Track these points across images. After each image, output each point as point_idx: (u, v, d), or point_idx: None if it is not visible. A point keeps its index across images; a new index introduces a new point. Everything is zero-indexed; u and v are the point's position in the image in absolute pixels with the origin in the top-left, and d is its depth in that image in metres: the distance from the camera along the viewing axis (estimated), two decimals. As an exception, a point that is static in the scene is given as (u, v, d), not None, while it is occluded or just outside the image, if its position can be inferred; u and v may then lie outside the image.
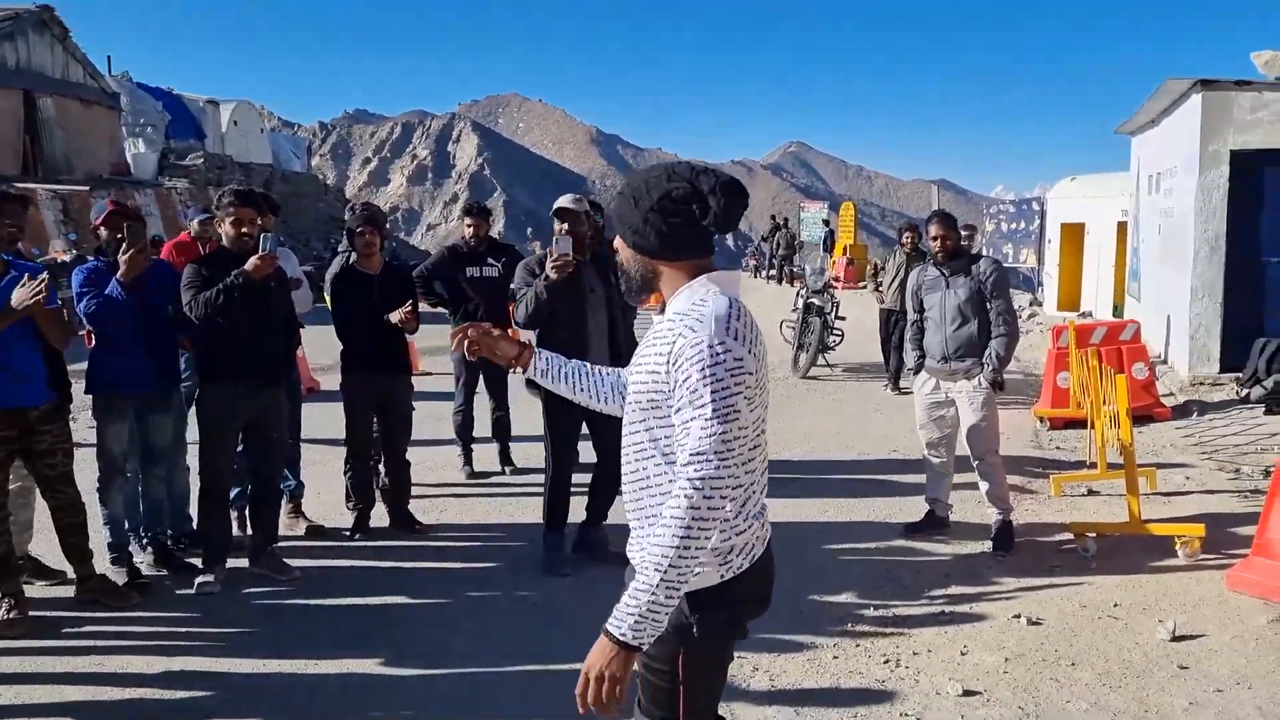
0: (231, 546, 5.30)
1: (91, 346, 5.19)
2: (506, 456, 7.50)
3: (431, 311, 7.17)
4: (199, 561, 5.23)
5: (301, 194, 34.09)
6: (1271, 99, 9.80)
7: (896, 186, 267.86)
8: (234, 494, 5.50)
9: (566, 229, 5.33)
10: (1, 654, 4.37)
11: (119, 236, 5.01)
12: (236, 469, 5.35)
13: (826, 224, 31.01)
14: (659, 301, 2.37)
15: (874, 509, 6.52)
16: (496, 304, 6.92)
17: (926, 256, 6.91)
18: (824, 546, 5.73)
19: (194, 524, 5.54)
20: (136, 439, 5.26)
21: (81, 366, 5.12)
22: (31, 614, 4.67)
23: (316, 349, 9.88)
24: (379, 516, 6.14)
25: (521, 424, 7.50)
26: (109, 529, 5.15)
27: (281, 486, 5.60)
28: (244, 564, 5.30)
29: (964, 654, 4.32)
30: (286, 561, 5.34)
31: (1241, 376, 9.57)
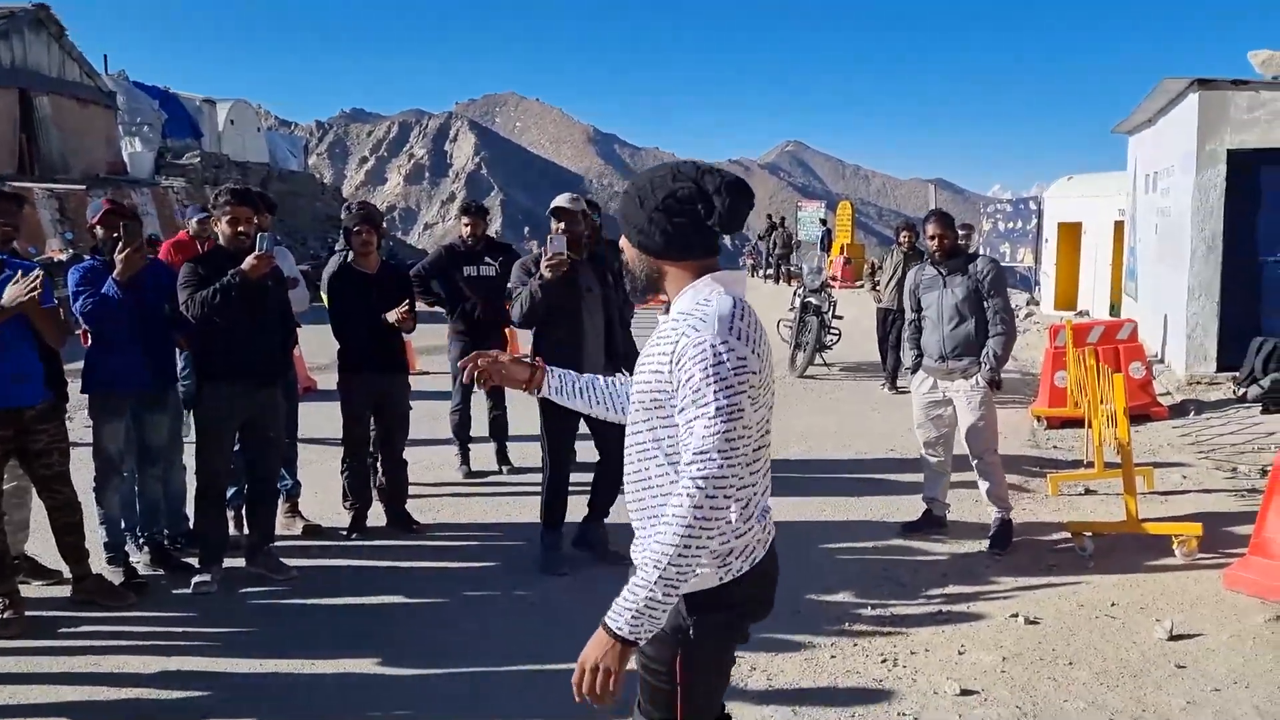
0: (228, 546, 5.29)
1: (88, 346, 5.18)
2: (504, 456, 7.50)
3: (429, 311, 7.17)
4: (195, 561, 5.23)
5: (298, 193, 34.09)
6: (1268, 98, 9.81)
7: (893, 186, 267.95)
8: (231, 493, 5.50)
9: (563, 228, 5.33)
10: (-2, 654, 4.36)
11: (115, 235, 5.01)
12: (233, 468, 5.35)
13: (824, 223, 31.03)
14: (661, 303, 2.37)
15: (871, 508, 6.52)
16: (493, 303, 6.91)
17: (924, 256, 6.92)
18: (821, 546, 5.73)
19: (190, 523, 5.53)
20: (133, 438, 5.25)
21: (78, 366, 5.12)
22: (28, 614, 4.66)
23: (314, 348, 9.87)
24: (376, 516, 6.13)
25: (519, 423, 7.49)
26: (105, 529, 5.14)
27: (278, 486, 5.60)
28: (241, 564, 5.30)
29: (961, 653, 4.32)
30: (283, 561, 5.34)
31: (1238, 376, 9.57)
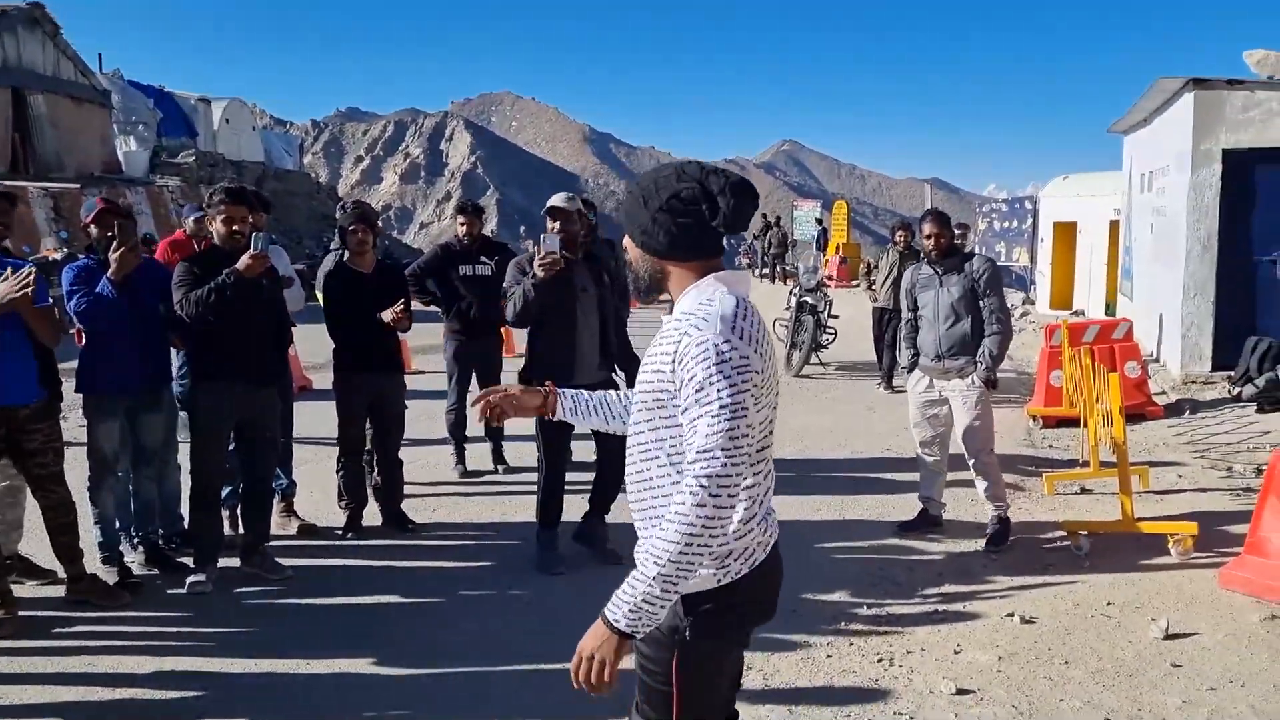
0: (223, 546, 5.28)
1: (82, 345, 5.16)
2: (499, 455, 7.49)
3: (424, 310, 7.15)
4: (190, 561, 5.21)
5: (294, 192, 34.06)
6: (1264, 98, 9.82)
7: (889, 185, 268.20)
8: (226, 493, 5.49)
9: (558, 227, 5.32)
10: (-9, 654, 4.34)
11: (109, 234, 4.99)
12: (228, 468, 5.33)
13: (820, 222, 31.03)
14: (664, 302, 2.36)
15: (867, 507, 6.52)
16: (489, 302, 6.90)
17: (919, 255, 6.91)
18: (817, 545, 5.73)
19: (185, 523, 5.52)
20: (128, 438, 5.24)
21: (72, 365, 5.10)
22: (21, 614, 4.64)
23: (309, 347, 9.84)
24: (371, 515, 6.12)
25: (514, 423, 7.43)
26: (100, 528, 5.13)
27: (274, 485, 5.59)
28: (236, 563, 5.28)
29: (958, 653, 4.32)
30: (278, 561, 5.32)
31: (1233, 375, 9.59)
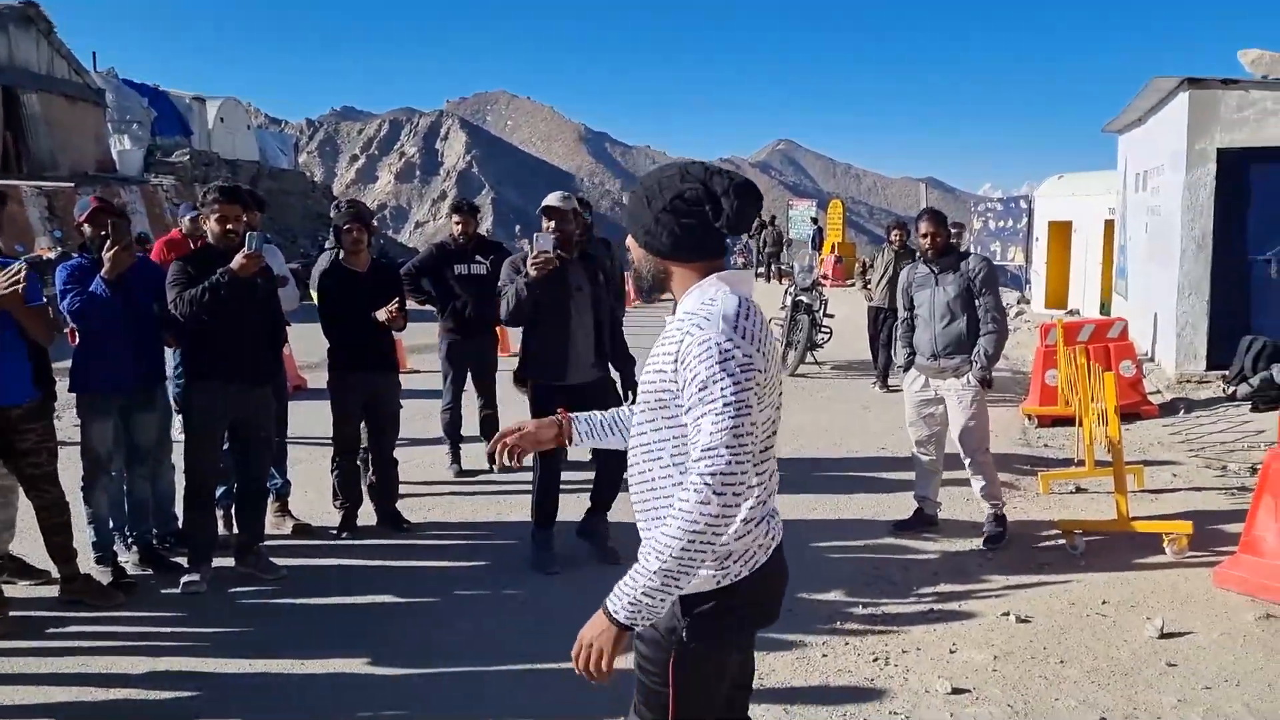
0: (217, 545, 5.26)
1: (75, 344, 5.15)
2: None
3: (419, 309, 7.14)
4: (184, 561, 5.20)
5: (288, 191, 34.02)
6: (1258, 97, 9.83)
7: (884, 184, 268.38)
8: (220, 492, 5.47)
9: (554, 227, 5.31)
10: (-16, 655, 4.33)
11: (103, 233, 4.97)
12: (223, 467, 5.32)
13: (815, 222, 31.04)
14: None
15: (862, 507, 6.52)
16: (484, 301, 6.88)
17: (915, 254, 6.91)
18: (812, 544, 5.72)
19: (179, 523, 5.51)
20: (121, 437, 5.22)
21: (66, 364, 5.08)
22: (15, 614, 4.63)
23: (304, 347, 9.83)
24: (366, 515, 6.10)
25: (510, 422, 7.46)
26: (93, 528, 5.11)
27: (268, 485, 5.57)
28: (230, 563, 5.27)
29: (953, 652, 4.32)
30: (273, 561, 5.31)
31: (1228, 374, 9.60)
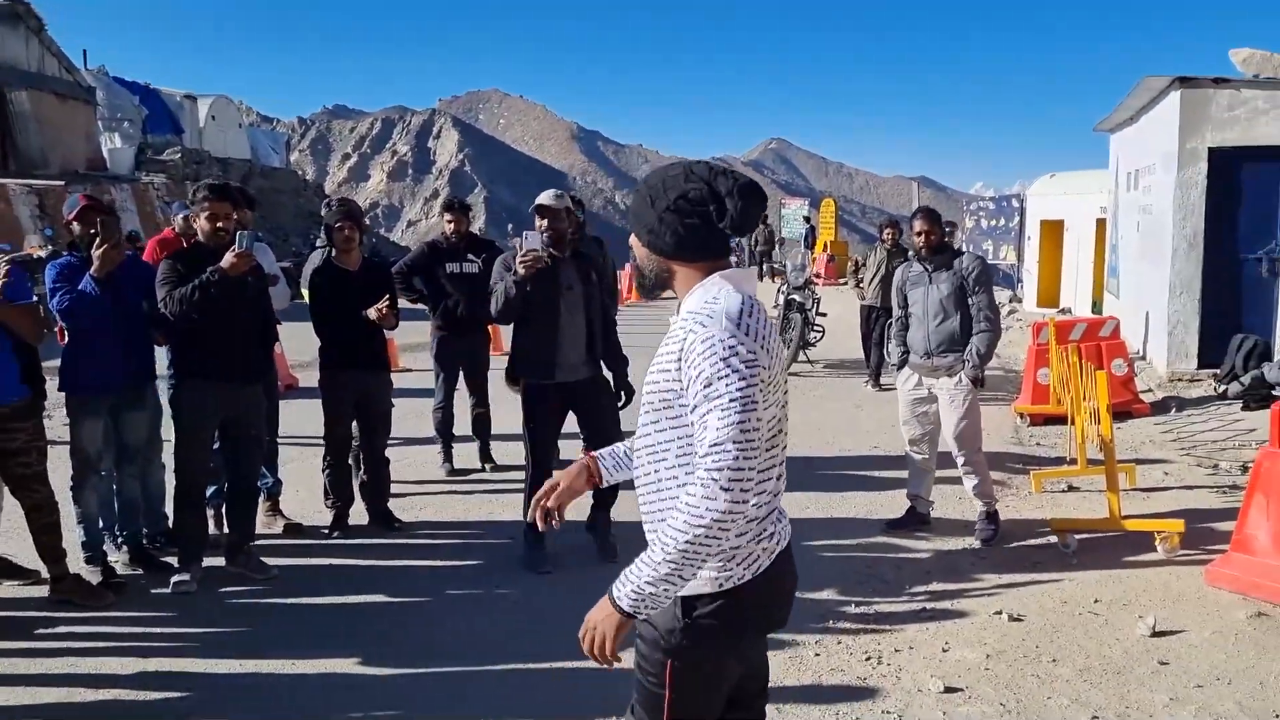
0: (208, 545, 5.24)
1: (64, 343, 5.12)
2: (486, 454, 7.46)
3: (411, 308, 7.12)
4: (175, 560, 5.17)
5: (280, 189, 33.97)
6: (1249, 96, 9.85)
7: (876, 183, 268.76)
8: (210, 492, 5.45)
9: (547, 225, 5.29)
10: (-27, 655, 4.30)
11: (92, 231, 4.95)
12: (213, 467, 5.29)
13: (807, 220, 31.08)
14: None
15: (855, 505, 6.52)
16: (476, 300, 6.87)
17: (907, 253, 6.91)
18: (805, 543, 5.71)
19: (170, 522, 5.48)
20: (111, 436, 5.19)
21: (56, 363, 5.05)
22: (3, 614, 4.62)
23: (295, 345, 9.80)
24: (358, 514, 6.08)
25: (501, 421, 7.46)
26: (83, 528, 5.08)
27: (259, 484, 5.55)
28: (221, 563, 5.24)
29: (945, 650, 4.32)
30: (264, 560, 5.29)
31: (1219, 373, 9.63)
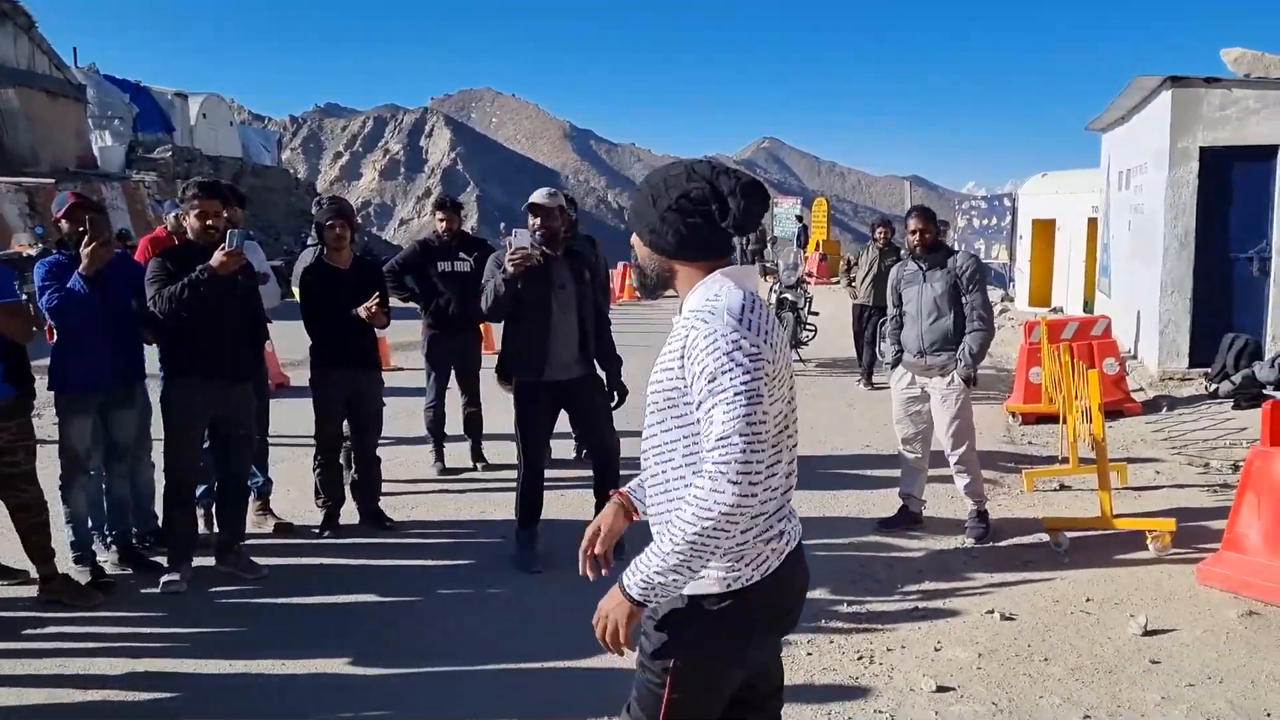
0: (198, 544, 5.21)
1: (53, 342, 5.09)
2: (478, 453, 7.45)
3: (403, 307, 7.10)
4: (164, 560, 5.15)
5: (271, 188, 33.88)
6: (1241, 96, 9.87)
7: (869, 183, 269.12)
8: (200, 491, 5.42)
9: (540, 224, 5.28)
10: (-40, 656, 4.27)
11: (81, 230, 4.91)
12: (203, 466, 5.27)
13: (800, 219, 31.09)
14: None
15: (847, 504, 6.52)
16: (468, 299, 6.85)
17: (899, 252, 6.91)
18: (798, 542, 5.71)
19: (159, 522, 5.45)
20: (100, 435, 5.16)
21: (45, 362, 5.02)
22: (-9, 615, 4.58)
23: (286, 344, 9.77)
24: (349, 514, 6.07)
25: (493, 421, 7.45)
26: (71, 527, 5.05)
27: (249, 483, 5.52)
28: (211, 562, 5.22)
29: (938, 650, 4.32)
30: (254, 560, 5.27)
31: (1210, 371, 9.65)
